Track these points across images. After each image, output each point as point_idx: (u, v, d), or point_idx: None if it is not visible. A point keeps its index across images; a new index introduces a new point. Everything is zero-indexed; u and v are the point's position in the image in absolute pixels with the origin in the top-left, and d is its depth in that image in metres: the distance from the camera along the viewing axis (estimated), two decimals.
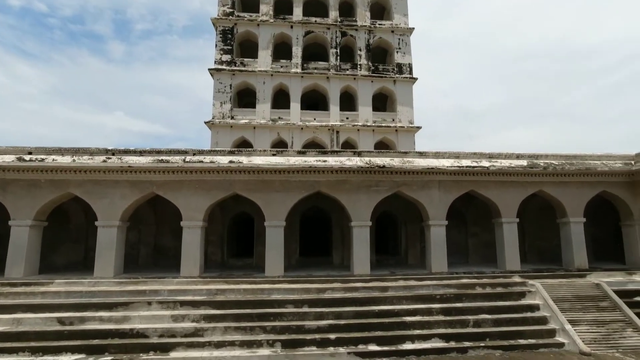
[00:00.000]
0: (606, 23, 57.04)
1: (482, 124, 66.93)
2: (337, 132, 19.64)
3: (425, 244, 11.93)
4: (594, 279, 11.01)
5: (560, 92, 61.44)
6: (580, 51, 58.44)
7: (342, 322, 9.10)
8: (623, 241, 12.69)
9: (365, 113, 20.10)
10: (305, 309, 9.45)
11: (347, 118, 20.09)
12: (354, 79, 20.30)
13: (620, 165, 12.14)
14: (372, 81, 20.43)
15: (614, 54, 56.80)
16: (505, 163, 11.86)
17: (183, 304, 9.43)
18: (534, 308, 9.92)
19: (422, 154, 12.00)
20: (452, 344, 8.73)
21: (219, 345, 8.39)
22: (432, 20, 54.28)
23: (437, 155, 11.96)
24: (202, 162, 10.80)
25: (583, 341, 8.73)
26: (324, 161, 11.11)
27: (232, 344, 8.42)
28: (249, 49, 20.96)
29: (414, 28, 21.14)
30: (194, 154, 11.09)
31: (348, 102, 20.77)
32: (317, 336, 8.66)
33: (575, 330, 9.02)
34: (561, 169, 11.81)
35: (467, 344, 8.75)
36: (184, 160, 10.74)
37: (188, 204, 10.84)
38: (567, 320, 9.30)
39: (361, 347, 8.48)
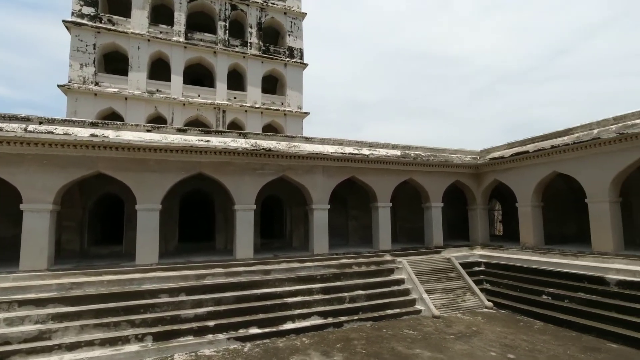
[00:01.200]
0: (469, 36, 67.13)
1: (370, 116, 72.58)
2: (224, 111, 18.64)
3: (309, 227, 12.27)
4: (446, 255, 12.91)
5: (435, 93, 70.46)
6: (452, 58, 67.75)
7: (222, 308, 8.75)
8: (469, 222, 15.20)
9: (254, 94, 19.53)
10: (182, 297, 8.80)
11: (235, 98, 19.21)
12: (244, 57, 19.46)
13: (469, 159, 14.41)
14: (262, 62, 19.89)
15: (475, 64, 67.47)
16: (383, 152, 12.92)
17: (23, 303, 7.78)
18: (400, 282, 11.15)
19: (308, 139, 12.21)
20: (330, 320, 9.23)
21: (73, 347, 7.20)
22: (327, 10, 55.88)
23: (323, 141, 12.33)
24: (52, 133, 8.94)
25: (435, 307, 10.20)
26: (207, 141, 10.37)
27: (90, 343, 7.31)
28: (119, 5, 18.14)
29: (306, 13, 21.22)
30: (40, 123, 9.09)
31: (236, 81, 19.85)
32: (194, 325, 8.16)
33: (430, 298, 10.47)
34: (427, 159, 13.43)
35: (343, 318, 9.36)
36: (25, 130, 8.72)
37: (31, 183, 8.88)
38: (425, 290, 10.73)
39: (242, 332, 8.30)
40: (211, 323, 8.26)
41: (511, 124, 64.19)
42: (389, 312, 9.95)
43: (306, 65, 20.91)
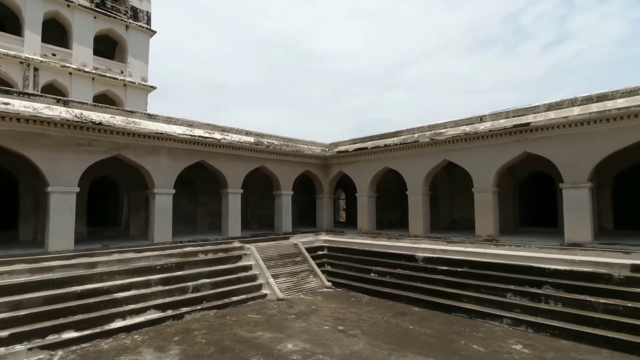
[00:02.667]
0: (333, 36, 71.65)
1: (232, 100, 70.27)
2: (36, 69, 14.98)
3: (150, 213, 11.07)
4: (294, 240, 13.55)
5: (298, 84, 72.77)
6: (316, 54, 71.05)
7: (23, 312, 7.07)
8: (316, 210, 16.33)
9: (82, 54, 16.33)
10: None
11: (54, 55, 15.68)
12: (68, 5, 15.97)
13: (319, 151, 15.44)
14: (95, 17, 16.75)
15: (336, 63, 72.46)
16: (236, 137, 12.63)
17: None
18: (247, 268, 11.16)
19: (152, 117, 10.95)
20: (169, 312, 8.54)
21: None
22: None
23: (169, 120, 11.25)
24: None
25: (280, 290, 10.59)
26: (5, 104, 8.14)
27: None
28: None
29: None
30: None
31: (58, 34, 16.25)
32: None
33: (275, 282, 10.81)
34: (280, 148, 13.77)
35: (184, 309, 8.78)
36: None
37: None
38: (271, 274, 11.02)
39: (51, 338, 6.89)
40: (4, 333, 6.57)
41: (361, 121, 72.09)
42: (235, 298, 9.83)
43: (154, 32, 18.64)
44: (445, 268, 10.30)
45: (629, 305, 7.19)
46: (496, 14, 60.75)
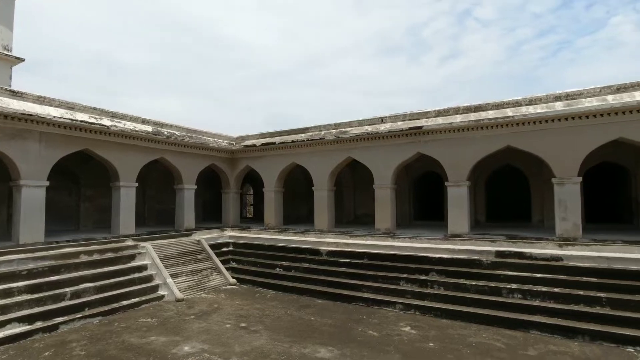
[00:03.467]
0: (247, 26, 69.21)
1: (130, 84, 63.24)
2: None
3: (14, 209, 9.34)
4: (197, 237, 12.83)
5: (206, 73, 68.63)
6: (225, 41, 67.77)
7: None
8: (222, 205, 15.70)
9: None
10: None
11: None
12: None
13: (225, 144, 14.87)
14: None
15: (250, 54, 70.17)
16: (130, 125, 11.42)
17: None
18: (142, 268, 10.19)
19: (17, 94, 9.22)
20: (38, 325, 7.32)
21: None
22: None
23: (42, 100, 9.63)
24: None
25: (179, 290, 9.92)
26: None
27: None
28: None
29: None
30: None
31: None
32: None
33: (174, 282, 10.09)
34: (182, 140, 12.87)
35: (58, 319, 7.62)
36: None
37: None
38: (170, 274, 10.25)
39: None
40: None
41: (272, 116, 71.39)
42: (125, 302, 8.89)
43: None
44: (348, 261, 10.81)
45: (492, 285, 8.46)
46: (401, 25, 66.11)
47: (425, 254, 9.95)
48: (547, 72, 54.79)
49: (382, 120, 12.07)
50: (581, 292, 7.66)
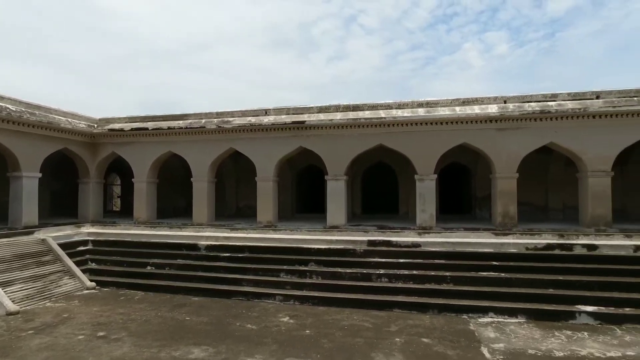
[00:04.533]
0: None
1: None
2: None
3: None
4: (41, 235, 10.68)
5: (62, 37, 57.05)
6: (93, 4, 57.42)
7: None
8: (79, 197, 13.41)
9: None
10: None
11: None
12: None
13: (84, 126, 12.72)
14: None
15: (124, 25, 60.86)
16: None
17: None
18: None
19: None
20: None
21: None
22: None
23: None
24: None
25: (13, 301, 8.07)
26: None
27: None
28: None
29: None
30: None
31: None
32: None
33: (5, 291, 8.18)
34: (19, 116, 10.48)
35: None
36: None
37: None
38: None
39: None
40: None
41: (148, 100, 64.00)
42: None
43: None
44: (228, 255, 10.42)
45: (364, 271, 9.21)
46: (293, 20, 66.56)
47: (305, 245, 10.25)
48: (417, 83, 62.74)
49: (265, 112, 11.96)
50: (433, 273, 8.92)
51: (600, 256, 8.83)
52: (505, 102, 10.35)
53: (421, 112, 10.63)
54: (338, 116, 11.08)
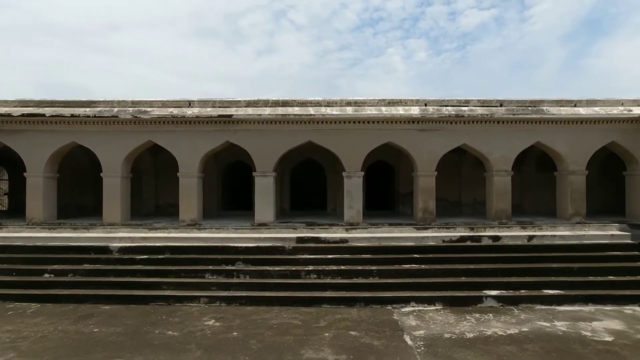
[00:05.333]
0: None
1: None
2: None
3: None
4: None
5: None
6: None
7: None
8: None
9: None
10: None
11: None
12: None
13: None
14: None
15: None
16: None
17: None
18: None
19: None
20: None
21: None
22: None
23: None
24: None
25: None
26: None
27: None
28: None
29: None
30: None
31: None
32: None
33: None
34: None
35: None
36: None
37: None
38: None
39: None
40: None
41: (46, 83, 55.88)
42: None
43: None
44: (145, 257, 9.55)
45: (293, 269, 9.14)
46: (221, 10, 63.40)
47: (232, 244, 9.84)
48: (346, 82, 64.25)
49: (189, 103, 11.20)
50: (360, 267, 9.19)
51: (503, 246, 9.94)
52: (426, 104, 11.08)
53: (349, 110, 10.87)
54: (267, 111, 10.82)
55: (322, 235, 10.14)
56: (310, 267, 9.20)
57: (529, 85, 53.55)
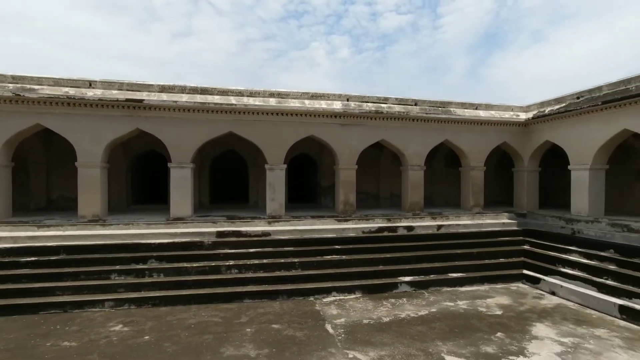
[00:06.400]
0: None
1: None
2: None
3: None
4: None
5: None
6: None
7: None
8: None
9: None
10: None
11: None
12: None
13: None
14: None
15: None
16: None
17: None
18: None
19: None
20: None
21: None
22: None
23: None
24: None
25: None
26: None
27: None
28: None
29: None
30: None
31: None
32: None
33: None
34: None
35: None
36: None
37: None
38: None
39: None
40: None
41: None
42: None
43: None
44: (33, 259, 8.24)
45: (213, 264, 8.71)
46: None
47: (143, 241, 9.01)
48: (270, 73, 62.93)
49: (90, 84, 9.89)
50: (282, 260, 9.12)
51: (415, 235, 10.71)
52: (348, 100, 11.37)
53: (273, 102, 10.66)
54: (184, 98, 10.07)
55: (244, 228, 9.83)
56: (231, 262, 8.85)
57: (439, 87, 58.76)
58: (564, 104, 10.95)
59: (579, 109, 10.19)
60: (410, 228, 10.86)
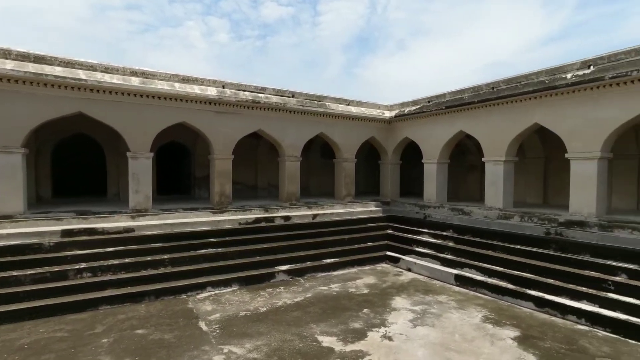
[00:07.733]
0: None
1: None
2: None
3: None
4: None
5: None
6: None
7: None
8: None
9: None
10: None
11: None
12: None
13: None
14: None
15: None
16: None
17: None
18: None
19: None
20: None
21: None
22: None
23: None
24: None
25: None
26: None
27: None
28: None
29: None
30: None
31: None
32: None
33: None
34: None
35: None
36: None
37: None
38: None
39: None
40: None
41: None
42: None
43: None
44: None
45: (57, 269, 7.26)
46: None
47: None
48: (135, 48, 54.99)
49: None
50: (150, 258, 8.19)
51: (292, 225, 10.94)
52: (223, 87, 10.82)
53: (135, 81, 9.39)
54: (9, 65, 8.01)
55: (100, 225, 8.47)
56: (83, 265, 7.53)
57: (318, 82, 61.34)
58: (418, 106, 12.62)
59: (429, 111, 11.88)
60: (287, 218, 11.03)
